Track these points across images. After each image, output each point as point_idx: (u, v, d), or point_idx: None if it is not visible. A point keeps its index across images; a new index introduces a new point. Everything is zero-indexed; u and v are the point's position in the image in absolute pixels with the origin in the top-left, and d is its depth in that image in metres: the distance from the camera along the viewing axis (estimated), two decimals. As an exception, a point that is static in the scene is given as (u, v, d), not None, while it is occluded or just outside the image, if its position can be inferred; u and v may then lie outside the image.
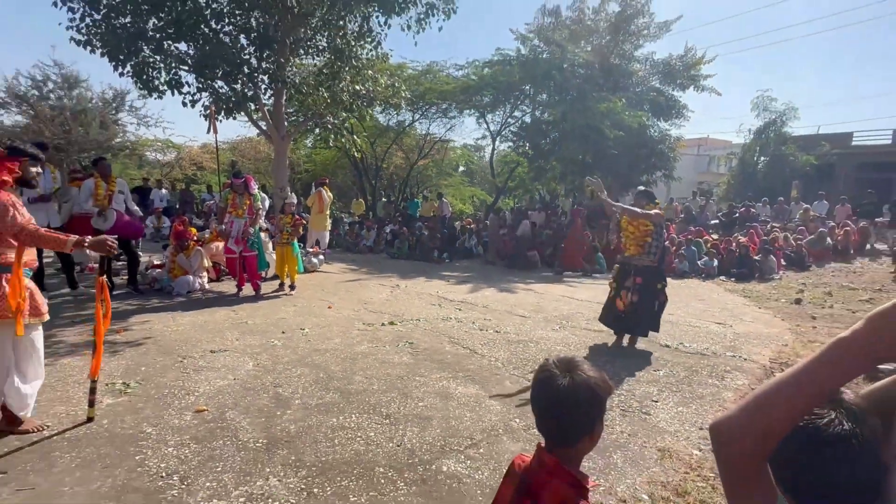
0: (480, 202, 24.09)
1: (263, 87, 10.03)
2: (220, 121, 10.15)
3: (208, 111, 9.85)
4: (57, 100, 23.89)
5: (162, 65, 8.90)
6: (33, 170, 3.26)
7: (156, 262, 8.39)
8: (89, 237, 3.10)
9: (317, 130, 12.31)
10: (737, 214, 15.73)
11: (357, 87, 10.43)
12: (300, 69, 10.82)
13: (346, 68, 10.25)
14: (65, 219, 7.03)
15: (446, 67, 17.90)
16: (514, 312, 6.92)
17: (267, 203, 9.13)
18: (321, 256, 10.67)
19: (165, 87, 8.95)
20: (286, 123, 11.12)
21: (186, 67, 9.14)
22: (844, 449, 0.75)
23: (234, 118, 10.45)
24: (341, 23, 9.93)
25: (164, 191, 16.62)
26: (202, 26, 8.76)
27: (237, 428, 3.26)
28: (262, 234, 8.10)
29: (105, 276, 3.18)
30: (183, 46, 9.11)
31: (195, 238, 8.35)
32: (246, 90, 9.49)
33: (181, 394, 3.78)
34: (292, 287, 7.93)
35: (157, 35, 8.61)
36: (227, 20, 9.26)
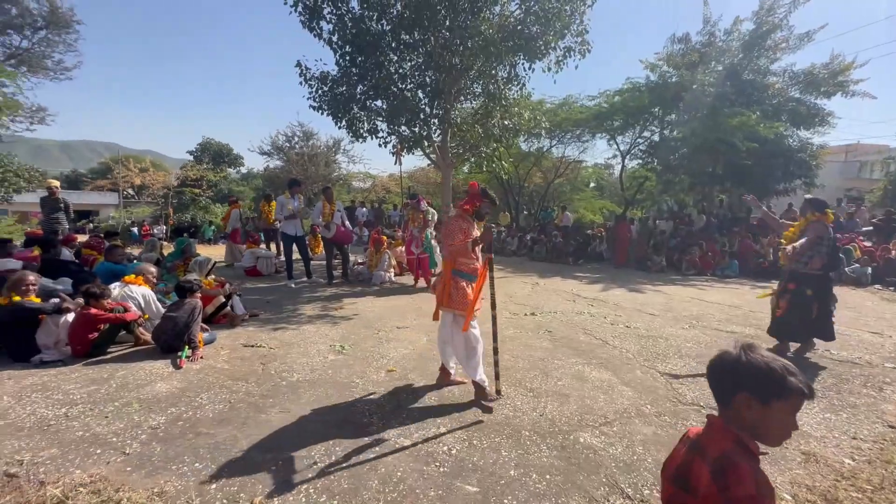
0: (609, 213, 22.47)
1: (434, 128, 10.65)
2: (404, 156, 11.04)
3: (395, 149, 10.79)
4: (299, 148, 28.45)
5: (365, 118, 9.97)
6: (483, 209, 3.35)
7: (360, 261, 9.43)
8: (479, 234, 3.19)
9: (472, 159, 12.68)
10: (896, 221, 12.17)
11: (505, 123, 10.47)
12: (461, 111, 11.25)
13: (497, 108, 10.36)
14: (308, 229, 8.28)
15: (580, 99, 16.99)
16: (643, 311, 6.30)
17: (435, 217, 9.66)
18: (475, 258, 10.93)
19: (367, 134, 10.01)
20: (450, 155, 11.65)
21: (381, 118, 10.13)
22: None
23: (413, 153, 11.29)
24: (493, 72, 10.09)
25: (364, 209, 18.63)
26: (392, 87, 9.65)
27: (416, 386, 3.49)
28: (433, 241, 8.60)
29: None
30: (379, 103, 10.12)
31: (386, 243, 9.19)
32: (422, 132, 10.17)
33: (377, 356, 4.18)
34: (454, 281, 8.24)
35: (362, 97, 9.71)
36: (409, 80, 10.06)
